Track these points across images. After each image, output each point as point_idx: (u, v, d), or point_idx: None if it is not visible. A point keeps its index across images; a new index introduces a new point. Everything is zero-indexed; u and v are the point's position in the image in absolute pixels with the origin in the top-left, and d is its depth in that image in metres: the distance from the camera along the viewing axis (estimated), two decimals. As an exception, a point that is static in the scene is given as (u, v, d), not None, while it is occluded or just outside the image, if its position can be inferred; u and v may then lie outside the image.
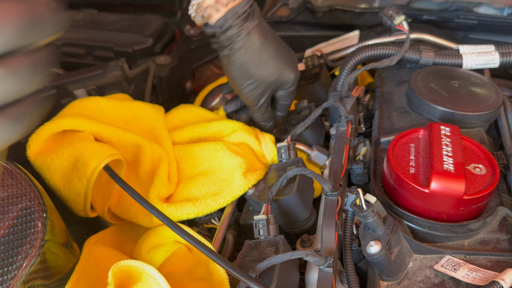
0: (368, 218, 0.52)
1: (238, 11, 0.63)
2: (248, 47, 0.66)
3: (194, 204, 0.66)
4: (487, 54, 0.77)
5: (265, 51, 0.67)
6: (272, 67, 0.68)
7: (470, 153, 0.60)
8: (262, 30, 0.66)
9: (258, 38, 0.66)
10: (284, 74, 0.70)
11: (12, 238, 0.50)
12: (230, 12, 0.63)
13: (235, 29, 0.64)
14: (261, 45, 0.66)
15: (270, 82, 0.70)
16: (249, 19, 0.65)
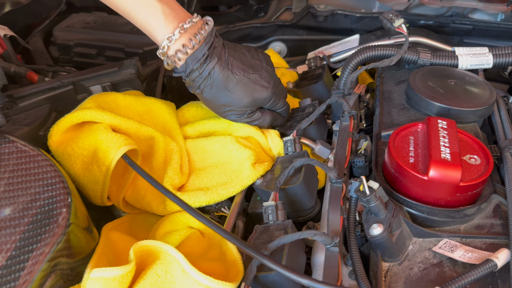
0: (371, 203, 0.56)
1: (197, 56, 0.69)
2: (212, 84, 0.72)
3: (206, 193, 0.70)
4: (481, 55, 0.82)
5: (229, 82, 0.72)
6: (241, 94, 0.73)
7: (466, 145, 0.64)
8: (224, 64, 0.71)
9: (219, 73, 0.71)
10: (255, 95, 0.74)
11: (40, 218, 0.54)
12: (190, 59, 0.69)
13: (197, 72, 0.71)
14: (224, 78, 0.71)
15: (245, 105, 0.75)
16: (208, 60, 0.70)
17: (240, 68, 0.73)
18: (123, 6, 0.68)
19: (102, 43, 1.10)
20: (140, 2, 0.67)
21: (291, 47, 1.20)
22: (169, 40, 0.69)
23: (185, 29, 0.69)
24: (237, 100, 0.74)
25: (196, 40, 0.69)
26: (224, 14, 1.22)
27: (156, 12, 0.68)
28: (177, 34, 0.68)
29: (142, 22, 0.69)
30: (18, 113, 0.79)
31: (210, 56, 0.70)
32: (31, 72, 0.92)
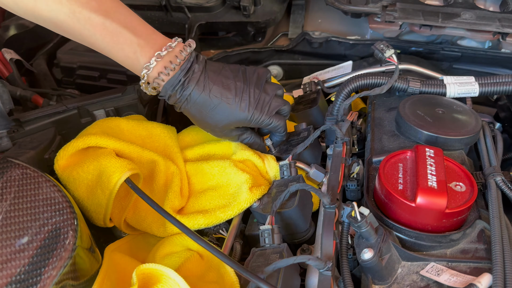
0: (362, 228, 0.59)
1: (173, 82, 0.73)
2: (191, 107, 0.76)
3: (204, 216, 0.73)
4: (468, 84, 0.86)
5: (207, 106, 0.75)
6: (219, 116, 0.77)
7: (452, 172, 0.68)
8: (200, 89, 0.75)
9: (196, 98, 0.75)
10: (234, 117, 0.77)
11: (48, 243, 0.56)
12: (167, 85, 0.73)
13: (174, 97, 0.75)
14: (201, 102, 0.75)
15: (225, 126, 0.78)
16: (184, 86, 0.74)
17: (218, 92, 0.75)
18: (103, 46, 0.73)
19: (105, 66, 1.14)
20: (118, 40, 0.72)
21: (287, 70, 1.24)
22: (146, 69, 0.73)
23: (161, 56, 0.73)
24: (216, 121, 0.77)
25: (171, 67, 0.73)
26: (223, 38, 1.26)
27: (133, 46, 0.72)
28: (153, 62, 0.72)
29: (122, 58, 0.73)
30: (24, 137, 0.82)
31: (187, 81, 0.74)
32: (36, 96, 0.95)
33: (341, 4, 1.06)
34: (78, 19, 0.69)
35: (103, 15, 0.70)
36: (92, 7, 0.70)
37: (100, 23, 0.70)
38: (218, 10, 1.18)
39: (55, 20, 0.70)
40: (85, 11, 0.69)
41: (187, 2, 1.18)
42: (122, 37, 0.72)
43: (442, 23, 0.98)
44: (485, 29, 0.97)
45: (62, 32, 0.73)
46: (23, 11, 0.70)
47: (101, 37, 0.71)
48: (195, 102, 0.75)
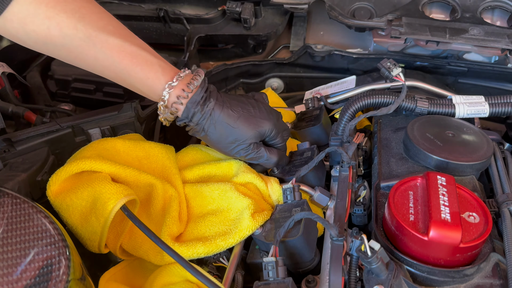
0: (373, 264, 0.56)
1: (196, 99, 0.73)
2: (216, 123, 0.75)
3: (204, 244, 0.70)
4: (478, 104, 0.83)
5: (231, 119, 0.75)
6: (244, 127, 0.76)
7: (465, 201, 0.65)
8: (222, 104, 0.75)
9: (220, 112, 0.75)
10: (259, 127, 0.77)
11: (38, 281, 0.53)
12: (190, 102, 0.73)
13: (199, 114, 0.74)
14: (225, 116, 0.75)
15: (250, 138, 0.77)
16: (207, 102, 0.74)
17: (237, 105, 0.77)
18: (121, 68, 0.71)
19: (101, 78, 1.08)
20: (138, 61, 0.71)
21: (288, 83, 1.21)
22: (169, 88, 0.72)
23: (181, 77, 0.74)
24: (242, 134, 0.76)
25: (193, 85, 0.73)
26: (222, 50, 1.23)
27: (153, 66, 0.72)
28: (176, 81, 0.73)
29: (141, 78, 0.72)
30: (16, 157, 0.79)
31: (208, 97, 0.74)
32: (29, 112, 0.91)
33: (345, 18, 1.03)
34: (94, 43, 0.69)
35: (121, 38, 0.70)
36: (110, 31, 0.70)
37: (118, 45, 0.70)
38: (217, 22, 1.15)
39: (69, 45, 0.69)
40: (102, 35, 0.69)
41: (186, 13, 1.15)
42: (142, 58, 0.72)
43: (450, 39, 0.95)
44: (494, 45, 0.95)
45: (74, 59, 0.72)
46: (33, 41, 0.69)
47: (119, 59, 0.70)
48: (219, 117, 0.75)
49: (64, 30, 0.67)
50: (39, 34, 0.67)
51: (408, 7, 1.03)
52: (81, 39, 0.68)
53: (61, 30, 0.67)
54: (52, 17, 0.66)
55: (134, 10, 1.18)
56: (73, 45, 0.68)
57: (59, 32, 0.67)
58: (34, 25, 0.66)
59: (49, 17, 0.66)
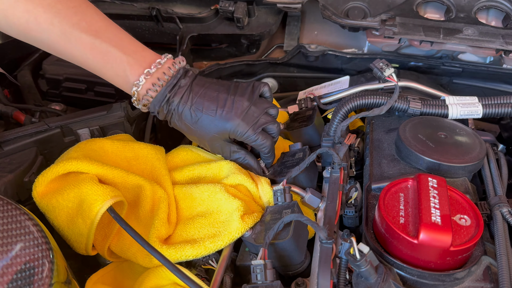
0: (362, 268, 0.55)
1: (160, 99, 0.75)
2: (177, 122, 0.77)
3: (192, 246, 0.69)
4: (471, 105, 0.82)
5: (191, 119, 0.76)
6: (204, 129, 0.77)
7: (456, 204, 0.64)
8: (184, 104, 0.76)
9: (180, 112, 0.76)
10: (218, 128, 0.76)
11: (20, 284, 0.52)
12: (154, 101, 0.75)
13: (162, 113, 0.77)
14: (185, 116, 0.76)
15: (211, 139, 0.78)
16: (170, 101, 0.75)
17: (200, 104, 0.76)
18: (94, 65, 0.74)
19: (92, 78, 1.08)
20: (108, 59, 0.73)
21: (282, 83, 1.20)
22: (136, 87, 0.74)
23: (150, 74, 0.74)
24: (202, 134, 0.77)
25: (159, 84, 0.75)
26: (216, 49, 1.22)
27: (122, 64, 0.74)
28: (142, 79, 0.74)
29: (112, 77, 0.75)
30: (3, 157, 0.77)
31: (172, 96, 0.75)
32: (18, 112, 0.90)
33: (338, 18, 1.02)
34: (69, 40, 0.71)
35: (93, 35, 0.71)
36: (83, 27, 0.71)
37: (90, 42, 0.71)
38: (210, 21, 1.14)
39: (47, 41, 0.71)
40: (76, 31, 0.70)
41: (179, 12, 1.14)
42: (112, 56, 0.73)
43: (444, 39, 0.94)
44: (488, 46, 0.94)
45: (55, 53, 0.74)
46: (15, 32, 0.72)
47: (92, 56, 0.72)
48: (180, 117, 0.76)
49: (41, 25, 0.69)
50: (19, 27, 0.69)
51: (402, 7, 1.02)
52: (57, 35, 0.70)
53: (39, 25, 0.69)
54: (31, 10, 0.67)
55: (126, 9, 1.17)
56: (51, 40, 0.70)
57: (37, 26, 0.69)
58: (14, 17, 0.68)
59: (28, 11, 0.67)
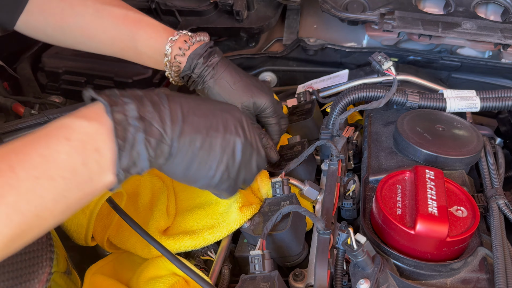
0: (358, 258, 0.56)
1: (200, 52, 0.77)
2: (216, 78, 0.78)
3: (191, 237, 0.69)
4: (469, 98, 0.83)
5: (232, 79, 0.78)
6: (242, 92, 0.78)
7: (453, 195, 0.64)
8: (226, 64, 0.78)
9: (223, 70, 0.78)
10: (256, 97, 0.78)
11: (20, 273, 0.52)
12: (192, 53, 0.77)
13: (201, 66, 0.77)
14: (227, 74, 0.77)
15: (245, 105, 0.78)
16: (211, 57, 0.77)
17: (241, 71, 0.79)
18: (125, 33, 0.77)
19: (91, 71, 1.09)
20: (140, 25, 0.78)
21: (281, 77, 1.20)
22: (171, 42, 0.77)
23: (183, 33, 0.79)
24: (238, 98, 0.77)
25: (195, 39, 0.78)
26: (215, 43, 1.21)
27: (156, 27, 0.79)
28: (176, 35, 0.78)
29: (144, 39, 0.78)
30: (3, 149, 0.78)
31: (213, 53, 0.78)
32: (17, 104, 0.90)
33: (337, 11, 1.02)
34: (101, 16, 0.77)
35: (125, 8, 0.79)
36: (114, 3, 0.79)
37: (123, 14, 0.78)
38: (210, 14, 1.14)
39: (81, 24, 0.77)
40: (108, 7, 0.77)
41: (178, 5, 1.14)
42: (145, 22, 0.78)
43: (442, 33, 0.94)
44: (487, 40, 0.94)
45: (87, 38, 0.79)
46: (52, 27, 0.78)
47: (124, 25, 0.77)
48: (220, 75, 0.77)
49: (75, 9, 0.76)
50: (56, 17, 0.76)
51: (401, 1, 1.02)
52: (91, 14, 0.76)
53: (73, 9, 0.76)
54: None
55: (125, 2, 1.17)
56: (85, 21, 0.76)
57: (72, 11, 0.76)
58: (51, 9, 0.76)
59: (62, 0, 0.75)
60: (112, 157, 0.49)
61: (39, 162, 0.45)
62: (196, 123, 0.56)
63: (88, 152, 0.48)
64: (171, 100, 0.55)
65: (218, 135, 0.58)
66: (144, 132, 0.51)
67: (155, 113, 0.52)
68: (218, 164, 0.59)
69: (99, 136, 0.49)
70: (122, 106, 0.51)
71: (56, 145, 0.46)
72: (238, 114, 0.62)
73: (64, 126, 0.48)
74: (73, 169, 0.47)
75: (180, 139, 0.54)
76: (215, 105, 0.62)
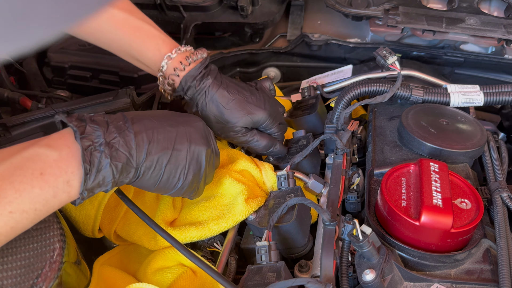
0: (364, 248, 0.57)
1: (194, 74, 0.75)
2: (208, 101, 0.76)
3: (197, 228, 0.70)
4: (473, 93, 0.83)
5: (225, 100, 0.76)
6: (236, 112, 0.76)
7: (457, 188, 0.65)
8: (218, 84, 0.76)
9: (216, 91, 0.76)
10: (251, 113, 0.77)
11: (32, 261, 0.53)
12: (187, 76, 0.75)
13: (193, 89, 0.75)
14: (219, 96, 0.76)
15: (241, 123, 0.77)
16: (204, 79, 0.75)
17: (235, 89, 0.77)
18: (124, 40, 0.74)
19: (97, 66, 1.10)
20: (140, 34, 0.74)
21: (285, 73, 1.21)
22: (167, 59, 0.75)
23: (181, 50, 0.76)
24: (233, 118, 0.76)
25: (191, 59, 0.75)
26: (219, 38, 1.22)
27: (154, 38, 0.76)
28: (174, 53, 0.75)
29: (141, 50, 0.75)
30: (11, 142, 0.79)
31: (206, 74, 0.76)
32: (25, 98, 0.91)
33: (341, 7, 1.02)
34: (101, 18, 0.73)
35: (127, 12, 0.74)
36: (116, 5, 0.74)
37: (123, 18, 0.74)
38: (214, 9, 1.15)
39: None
40: (109, 9, 0.73)
41: (183, 1, 1.14)
42: (144, 31, 0.75)
43: (446, 28, 0.95)
44: (490, 35, 0.94)
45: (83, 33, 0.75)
46: None
47: (123, 31, 0.74)
48: (213, 96, 0.75)
49: None
50: None
51: (406, -4, 1.03)
52: None
53: None
54: None
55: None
56: None
57: None
58: None
59: None
60: (79, 182, 0.53)
61: (14, 198, 0.48)
62: (162, 141, 0.61)
63: (59, 185, 0.52)
64: (135, 123, 0.59)
65: (183, 148, 0.63)
66: (110, 157, 0.54)
67: (120, 138, 0.56)
68: (186, 175, 0.63)
69: (69, 165, 0.52)
70: (90, 134, 0.54)
71: (31, 180, 0.50)
72: (199, 124, 0.67)
73: (37, 158, 0.51)
74: (45, 201, 0.51)
75: (147, 160, 0.59)
76: (177, 119, 0.66)
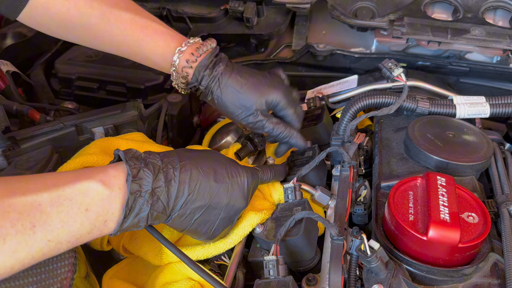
0: (372, 264, 0.57)
1: (205, 63, 0.77)
2: (222, 88, 0.78)
3: (203, 247, 0.70)
4: (479, 105, 0.84)
5: (238, 84, 0.78)
6: (251, 94, 0.78)
7: (464, 201, 0.65)
8: (230, 70, 0.78)
9: (229, 77, 0.78)
10: (266, 94, 0.79)
11: (44, 278, 0.54)
12: (199, 66, 0.77)
13: (207, 78, 0.78)
14: (233, 81, 0.78)
15: (256, 104, 0.79)
16: (216, 66, 0.78)
17: (247, 73, 0.79)
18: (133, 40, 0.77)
19: (104, 77, 1.11)
20: (148, 31, 0.77)
21: (291, 82, 1.21)
22: (179, 53, 0.77)
23: (190, 43, 0.78)
24: (248, 100, 0.78)
25: (202, 50, 0.78)
26: (225, 48, 1.23)
27: (163, 35, 0.78)
28: (184, 46, 0.78)
29: (151, 47, 0.77)
30: (20, 155, 0.79)
31: (218, 62, 0.78)
32: (33, 111, 0.92)
33: (347, 18, 1.03)
34: (108, 19, 0.75)
35: (132, 12, 0.77)
36: (121, 7, 0.76)
37: (130, 18, 0.76)
38: (220, 21, 1.16)
39: (87, 25, 0.75)
40: (115, 10, 0.75)
41: (189, 12, 1.15)
42: (152, 28, 0.77)
43: (451, 39, 0.95)
44: (495, 46, 0.95)
45: (92, 38, 0.78)
46: (56, 24, 0.76)
47: (131, 31, 0.76)
48: (226, 82, 0.77)
49: (81, 10, 0.73)
50: (60, 17, 0.74)
51: (410, 7, 1.03)
52: (97, 17, 0.74)
53: (79, 9, 0.73)
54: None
55: (137, 5, 1.19)
56: (90, 23, 0.74)
57: (77, 11, 0.74)
58: (55, 8, 0.73)
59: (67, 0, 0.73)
60: (116, 224, 0.56)
61: (56, 228, 0.50)
62: (201, 196, 0.62)
63: (97, 223, 0.54)
64: (183, 172, 0.61)
65: (219, 206, 0.65)
66: (151, 206, 0.57)
67: (165, 188, 0.59)
68: (214, 229, 0.66)
69: (112, 205, 0.55)
70: (141, 179, 0.57)
71: (76, 214, 0.52)
72: (245, 182, 0.68)
73: (88, 193, 0.53)
74: (80, 236, 0.53)
75: (180, 209, 0.61)
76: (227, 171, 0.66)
